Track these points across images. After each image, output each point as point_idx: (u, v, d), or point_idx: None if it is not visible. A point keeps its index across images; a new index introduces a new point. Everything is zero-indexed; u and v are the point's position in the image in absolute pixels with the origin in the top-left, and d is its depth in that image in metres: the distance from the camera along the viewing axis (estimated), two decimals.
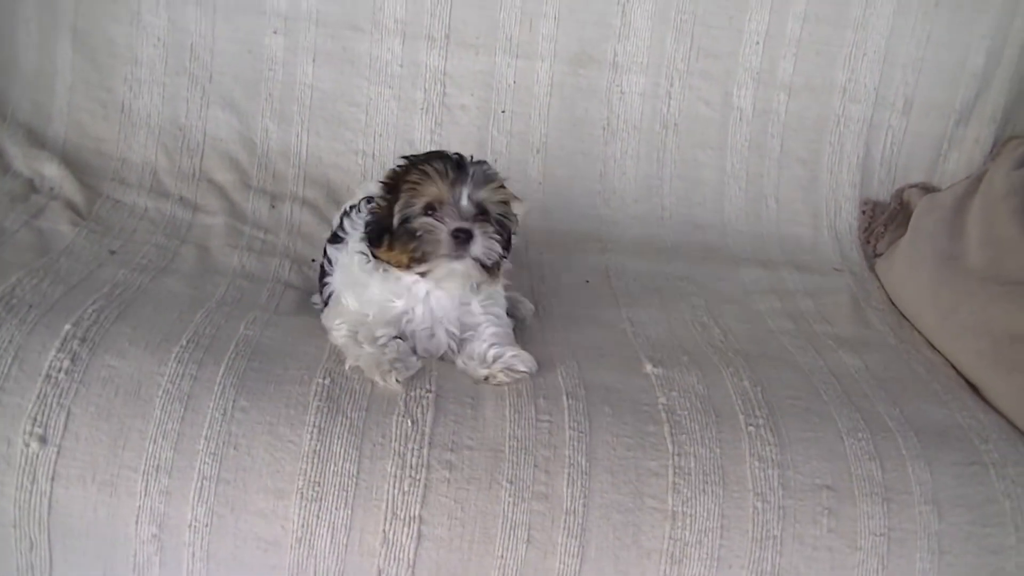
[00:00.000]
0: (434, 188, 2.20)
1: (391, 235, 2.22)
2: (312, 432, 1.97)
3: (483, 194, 2.22)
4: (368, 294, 2.30)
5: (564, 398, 2.12)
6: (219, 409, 1.97)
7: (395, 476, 1.94)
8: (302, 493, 1.91)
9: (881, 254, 3.22)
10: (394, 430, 1.99)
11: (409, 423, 2.00)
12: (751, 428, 2.10)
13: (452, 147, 2.97)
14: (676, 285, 2.95)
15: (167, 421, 1.94)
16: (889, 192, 3.38)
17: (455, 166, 2.23)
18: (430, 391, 2.09)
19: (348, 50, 3.25)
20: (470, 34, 3.24)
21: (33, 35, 3.20)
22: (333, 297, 2.40)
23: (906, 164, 3.38)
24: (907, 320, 2.87)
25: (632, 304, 2.77)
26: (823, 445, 2.10)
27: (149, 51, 3.21)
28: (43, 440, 1.90)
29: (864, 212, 3.33)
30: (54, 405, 1.93)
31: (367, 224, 2.29)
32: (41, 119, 3.17)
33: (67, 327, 2.07)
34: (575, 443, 2.02)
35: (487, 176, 2.25)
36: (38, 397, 1.94)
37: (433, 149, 2.48)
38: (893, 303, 2.98)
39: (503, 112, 3.27)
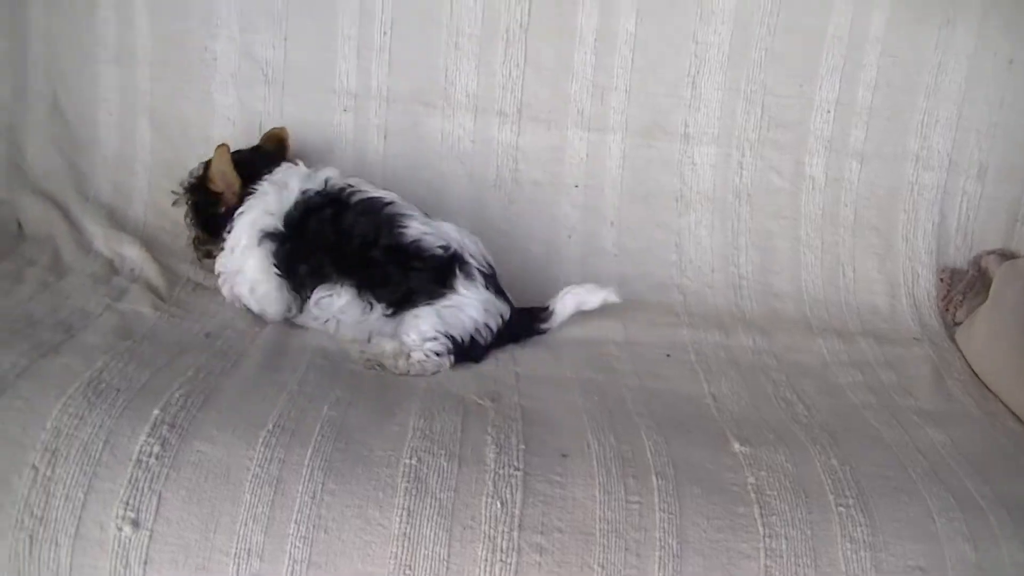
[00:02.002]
0: None
1: None
2: (401, 514, 1.95)
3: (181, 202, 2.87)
4: None
5: (653, 477, 2.08)
6: (308, 492, 1.96)
7: (486, 560, 1.91)
8: None
9: (960, 322, 3.18)
10: (483, 512, 1.97)
11: (498, 504, 1.98)
12: (841, 508, 2.06)
13: (524, 222, 3.05)
14: (756, 358, 2.92)
15: (257, 505, 1.93)
16: (966, 259, 3.35)
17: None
18: (518, 469, 2.07)
19: (419, 126, 3.25)
20: (542, 108, 3.24)
21: (113, 115, 3.23)
22: None
23: (982, 230, 3.35)
24: (990, 391, 2.82)
25: (713, 378, 2.73)
26: (914, 525, 2.06)
27: (220, 130, 3.22)
28: (135, 524, 1.89)
29: (942, 280, 3.29)
30: (145, 490, 1.92)
31: None
32: (122, 200, 3.20)
33: (155, 412, 2.06)
34: (665, 525, 1.99)
35: (185, 180, 2.89)
36: (130, 482, 1.93)
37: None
38: (975, 373, 2.93)
39: (576, 186, 3.27)
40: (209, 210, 2.79)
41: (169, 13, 3.19)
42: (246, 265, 2.74)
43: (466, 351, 2.67)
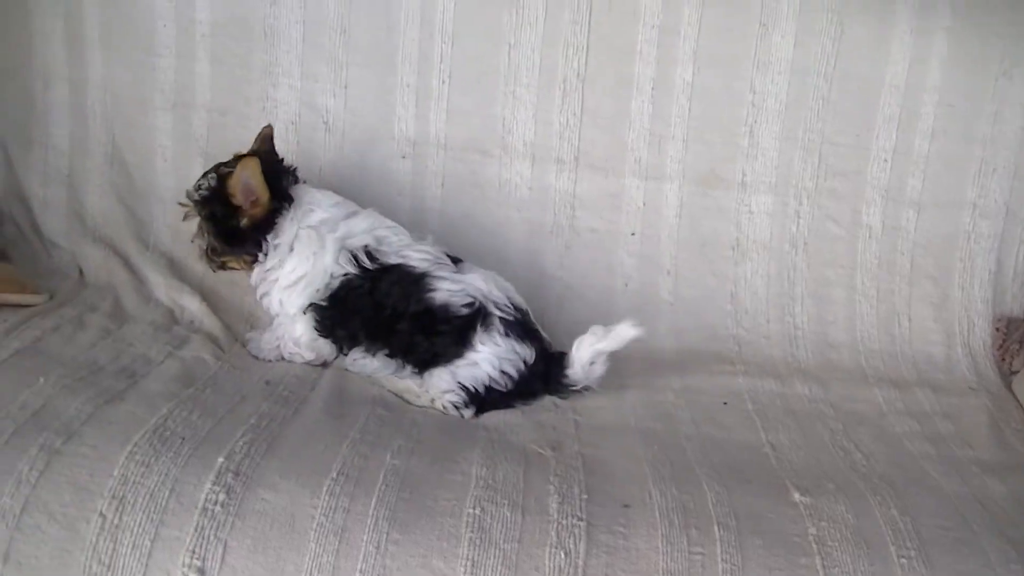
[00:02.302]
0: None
1: None
2: (466, 565, 1.94)
3: (187, 207, 2.82)
4: None
5: (715, 528, 2.08)
6: (372, 542, 1.96)
7: None
8: None
9: (1017, 372, 3.16)
10: (547, 563, 1.96)
11: (562, 555, 1.98)
12: (903, 560, 2.05)
13: (581, 269, 3.05)
14: (812, 407, 2.90)
15: (322, 554, 1.93)
16: (1023, 308, 3.32)
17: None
18: (581, 520, 2.06)
19: (476, 174, 3.27)
20: (599, 156, 3.25)
21: (169, 160, 3.27)
22: None
23: None
24: None
25: (771, 427, 2.72)
26: None
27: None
28: (201, 572, 1.89)
29: (998, 329, 3.28)
30: (211, 538, 1.93)
31: None
32: (181, 247, 3.21)
33: (220, 460, 2.08)
34: None
35: (196, 190, 2.78)
36: (195, 530, 1.93)
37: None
38: None
39: (633, 234, 3.27)
40: (229, 222, 2.75)
41: (230, 61, 3.23)
42: (295, 330, 2.82)
43: (484, 399, 2.72)
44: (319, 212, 2.80)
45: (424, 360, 2.74)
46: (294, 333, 2.80)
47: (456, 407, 2.68)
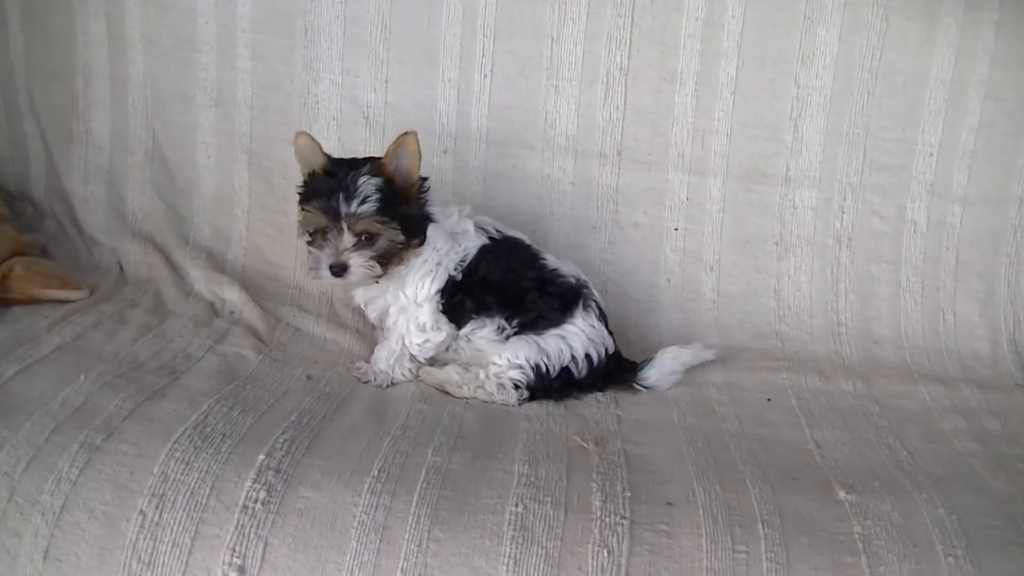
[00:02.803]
0: (316, 221, 2.60)
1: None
2: (508, 563, 1.94)
3: (362, 226, 2.57)
4: None
5: (760, 526, 2.06)
6: (414, 540, 1.95)
7: None
8: None
9: None
10: (590, 561, 1.95)
11: (605, 553, 1.96)
12: (950, 559, 2.02)
13: (624, 265, 3.02)
14: (857, 404, 2.88)
15: (363, 553, 1.93)
16: None
17: (336, 199, 2.56)
18: (624, 518, 2.05)
19: (518, 168, 3.27)
20: (642, 151, 3.24)
21: (212, 159, 3.30)
22: None
23: None
24: None
25: (815, 424, 2.70)
26: None
27: None
28: (242, 571, 1.89)
29: None
30: (251, 536, 1.93)
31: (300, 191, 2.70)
32: (221, 243, 3.26)
33: (261, 457, 2.08)
34: (773, 575, 1.96)
35: (359, 197, 2.56)
36: (236, 528, 1.94)
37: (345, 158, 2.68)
38: None
39: (676, 229, 3.26)
40: (401, 211, 2.63)
41: (271, 57, 3.25)
42: (421, 317, 2.78)
43: (550, 384, 2.72)
44: (454, 222, 2.82)
45: (527, 322, 2.78)
46: (421, 320, 2.77)
47: (516, 385, 2.68)
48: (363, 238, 2.58)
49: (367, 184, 2.55)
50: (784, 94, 3.22)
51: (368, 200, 2.54)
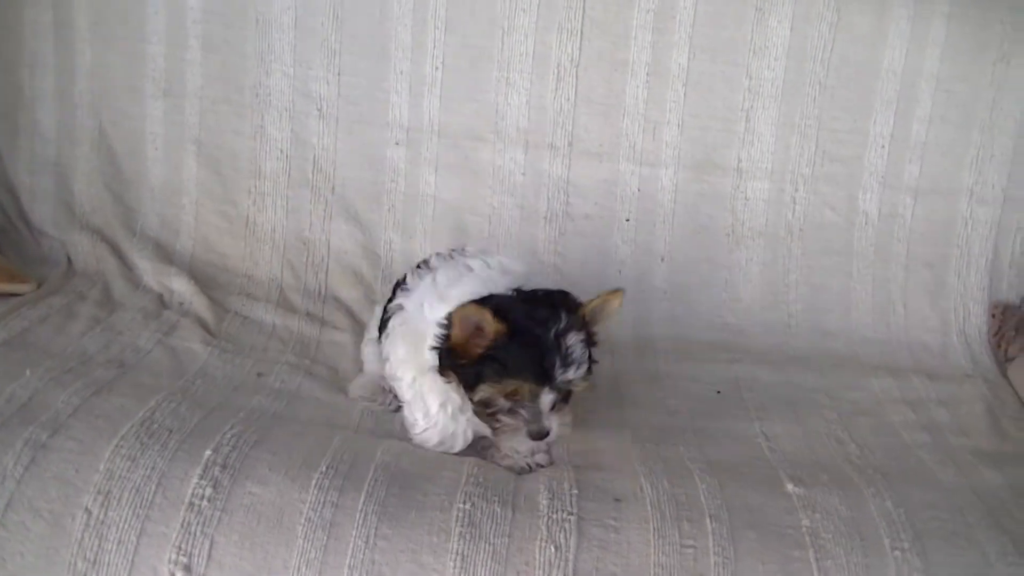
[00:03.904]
0: (526, 388, 2.16)
1: (467, 388, 2.23)
2: (455, 560, 1.93)
3: (569, 384, 2.18)
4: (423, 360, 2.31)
5: (708, 521, 2.06)
6: (362, 537, 1.94)
7: None
8: None
9: (1013, 359, 3.14)
10: (538, 557, 1.95)
11: (552, 549, 1.96)
12: (897, 553, 2.03)
13: (575, 256, 3.00)
14: (807, 396, 2.89)
15: (310, 550, 1.92)
16: (1019, 294, 3.31)
17: (551, 364, 2.14)
18: (572, 514, 2.05)
19: (470, 160, 3.26)
20: (593, 142, 3.24)
21: (160, 150, 3.26)
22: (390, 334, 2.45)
23: None
24: None
25: (765, 417, 2.71)
26: (971, 570, 2.03)
27: (272, 164, 3.25)
28: (188, 569, 1.88)
29: (994, 316, 3.26)
30: (198, 533, 1.91)
31: (437, 348, 2.25)
32: (169, 233, 3.23)
33: (208, 453, 2.06)
34: (720, 569, 1.96)
35: (576, 363, 2.16)
36: (182, 525, 1.92)
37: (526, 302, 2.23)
38: None
39: (627, 220, 3.26)
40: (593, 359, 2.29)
41: (222, 49, 3.22)
42: None
43: None
44: None
45: None
46: None
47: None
48: (562, 395, 2.22)
49: (579, 345, 2.17)
50: (736, 85, 3.23)
51: (583, 363, 2.19)
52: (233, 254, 3.23)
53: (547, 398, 2.17)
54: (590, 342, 2.24)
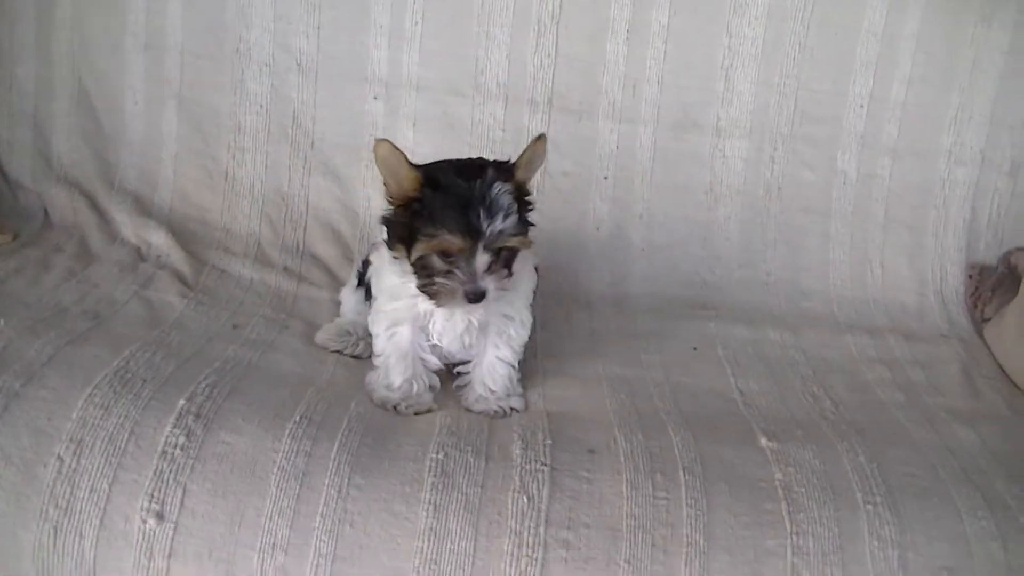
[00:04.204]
0: (449, 244, 2.16)
1: (408, 253, 2.23)
2: (428, 509, 1.94)
3: (502, 243, 2.19)
4: (392, 287, 2.34)
5: (681, 473, 2.07)
6: (334, 486, 1.95)
7: (511, 555, 1.91)
8: (419, 571, 1.89)
9: (989, 319, 3.16)
10: (510, 507, 1.96)
11: (525, 499, 1.97)
12: (869, 507, 2.04)
13: (553, 213, 3.01)
14: (784, 353, 2.91)
15: (283, 498, 1.92)
16: (996, 256, 3.33)
17: (475, 216, 2.15)
18: (545, 464, 2.06)
19: (449, 115, 3.26)
20: (573, 99, 3.24)
21: (140, 104, 3.26)
22: (373, 298, 2.46)
23: (1013, 227, 3.33)
24: (1019, 389, 2.81)
25: (741, 373, 2.73)
26: (943, 525, 2.04)
27: (252, 119, 3.24)
28: (160, 517, 1.88)
29: (971, 277, 3.27)
30: (170, 482, 1.92)
31: (384, 221, 2.31)
32: (148, 187, 3.24)
33: (181, 402, 2.07)
34: (692, 521, 1.97)
35: (503, 211, 2.16)
36: (155, 474, 1.92)
37: (456, 161, 2.33)
38: (1003, 370, 2.91)
39: (606, 178, 3.26)
40: (525, 215, 2.33)
41: (202, 3, 3.22)
42: (527, 317, 2.51)
43: None
44: None
45: None
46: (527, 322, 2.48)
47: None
48: (497, 255, 2.21)
49: (504, 195, 2.18)
50: (716, 44, 3.23)
51: (510, 213, 2.18)
52: (212, 208, 3.23)
53: (482, 258, 2.17)
54: (522, 196, 2.27)
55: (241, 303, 2.83)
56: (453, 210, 2.15)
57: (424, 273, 2.22)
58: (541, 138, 2.29)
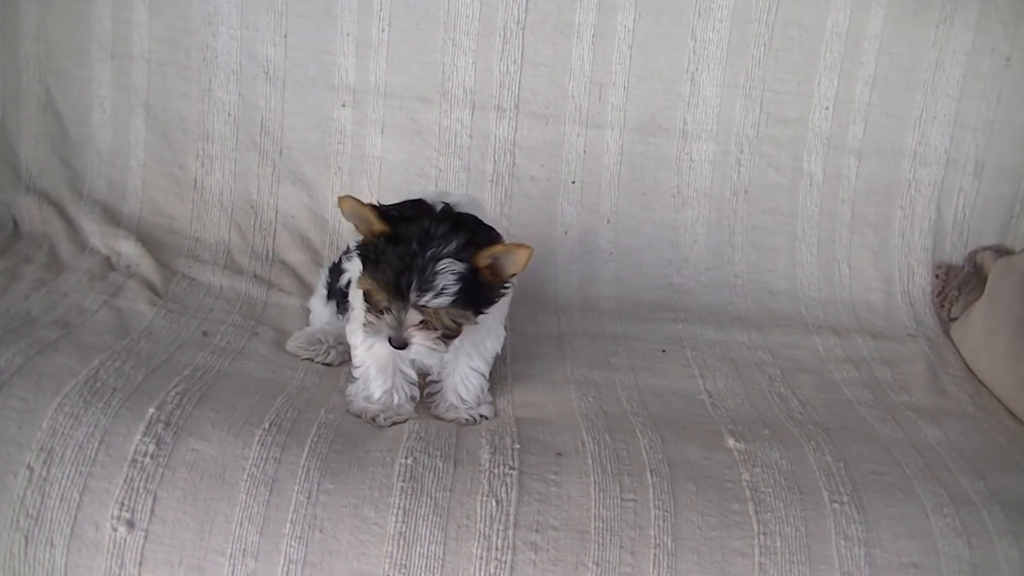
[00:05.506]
0: (382, 295, 2.17)
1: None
2: (397, 514, 1.95)
3: (424, 309, 2.16)
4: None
5: (648, 475, 2.09)
6: (304, 492, 1.96)
7: (481, 558, 1.92)
8: None
9: (956, 318, 3.18)
10: (479, 511, 1.98)
11: (493, 503, 1.98)
12: (836, 505, 2.07)
13: (521, 218, 3.02)
14: (751, 354, 2.93)
15: (252, 505, 1.93)
16: (962, 255, 3.34)
17: (404, 281, 2.13)
18: (513, 468, 2.07)
19: (416, 121, 3.26)
20: (539, 104, 3.25)
21: (107, 113, 3.25)
22: (350, 307, 2.48)
23: (979, 227, 3.35)
24: (985, 387, 2.83)
25: (709, 374, 2.74)
26: (908, 522, 2.06)
27: (220, 127, 3.24)
28: (130, 525, 1.89)
29: (937, 276, 3.29)
30: (140, 490, 1.93)
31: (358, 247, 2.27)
32: (116, 196, 3.23)
33: (151, 411, 2.07)
34: (660, 523, 1.99)
35: (436, 290, 2.12)
36: (125, 482, 1.93)
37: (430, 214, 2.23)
38: (970, 369, 2.93)
39: (573, 182, 3.27)
40: (477, 297, 2.26)
41: (169, 11, 3.21)
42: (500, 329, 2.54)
43: None
44: None
45: None
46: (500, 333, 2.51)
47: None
48: (430, 318, 2.19)
49: (447, 274, 2.13)
50: (681, 47, 3.24)
51: (445, 292, 2.13)
52: (181, 217, 3.23)
53: (411, 315, 2.17)
54: (485, 280, 2.21)
55: (211, 310, 2.83)
56: (390, 268, 2.14)
57: (366, 304, 2.24)
58: (524, 248, 2.21)
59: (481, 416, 2.41)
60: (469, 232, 2.20)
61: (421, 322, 2.19)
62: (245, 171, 3.26)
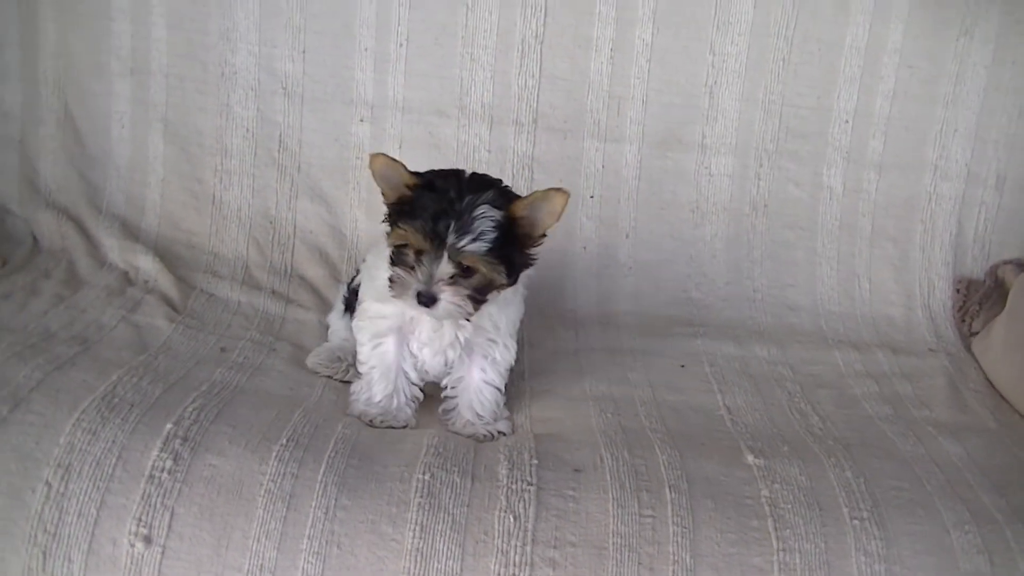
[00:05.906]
0: (412, 240, 2.20)
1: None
2: (414, 530, 1.94)
3: (466, 258, 2.19)
4: (381, 288, 2.33)
5: (667, 491, 2.07)
6: (321, 508, 1.95)
7: (498, 574, 1.91)
8: None
9: (977, 333, 3.16)
10: (496, 526, 1.96)
11: (511, 519, 1.97)
12: (856, 522, 2.05)
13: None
14: (771, 369, 2.91)
15: (270, 520, 1.93)
16: (983, 269, 3.33)
17: (444, 226, 2.17)
18: (531, 484, 2.06)
19: (434, 136, 3.26)
20: (558, 118, 3.25)
21: (126, 128, 3.26)
22: (359, 300, 2.51)
23: (1000, 240, 3.34)
24: (1006, 402, 2.81)
25: (728, 390, 2.73)
26: (929, 539, 2.04)
27: (238, 142, 3.25)
28: (148, 540, 1.88)
29: (958, 291, 3.28)
30: (158, 505, 1.92)
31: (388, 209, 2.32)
32: (135, 212, 3.24)
33: (168, 426, 2.06)
34: (679, 539, 1.97)
35: (474, 233, 2.17)
36: (142, 497, 1.92)
37: (464, 174, 2.31)
38: (991, 384, 2.91)
39: (591, 197, 3.27)
40: (510, 251, 2.29)
41: (188, 27, 3.21)
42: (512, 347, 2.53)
43: None
44: None
45: None
46: (510, 355, 2.50)
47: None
48: (463, 270, 2.21)
49: (486, 219, 2.18)
50: (700, 61, 3.24)
51: (483, 237, 2.17)
52: (199, 232, 3.23)
53: (444, 266, 2.19)
54: (520, 236, 2.26)
55: (229, 326, 2.83)
56: (428, 212, 2.17)
57: (394, 262, 2.25)
58: (561, 193, 2.25)
59: (499, 432, 2.41)
60: (495, 185, 2.29)
61: (451, 277, 2.20)
62: (263, 186, 3.26)
